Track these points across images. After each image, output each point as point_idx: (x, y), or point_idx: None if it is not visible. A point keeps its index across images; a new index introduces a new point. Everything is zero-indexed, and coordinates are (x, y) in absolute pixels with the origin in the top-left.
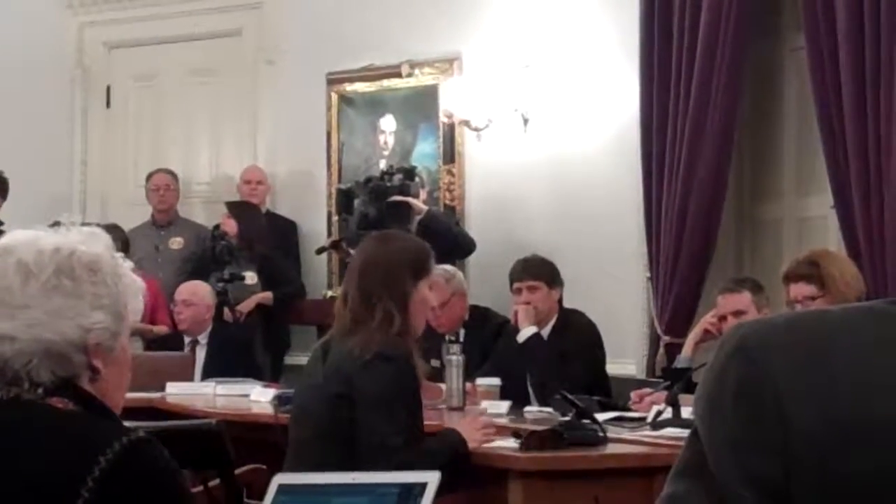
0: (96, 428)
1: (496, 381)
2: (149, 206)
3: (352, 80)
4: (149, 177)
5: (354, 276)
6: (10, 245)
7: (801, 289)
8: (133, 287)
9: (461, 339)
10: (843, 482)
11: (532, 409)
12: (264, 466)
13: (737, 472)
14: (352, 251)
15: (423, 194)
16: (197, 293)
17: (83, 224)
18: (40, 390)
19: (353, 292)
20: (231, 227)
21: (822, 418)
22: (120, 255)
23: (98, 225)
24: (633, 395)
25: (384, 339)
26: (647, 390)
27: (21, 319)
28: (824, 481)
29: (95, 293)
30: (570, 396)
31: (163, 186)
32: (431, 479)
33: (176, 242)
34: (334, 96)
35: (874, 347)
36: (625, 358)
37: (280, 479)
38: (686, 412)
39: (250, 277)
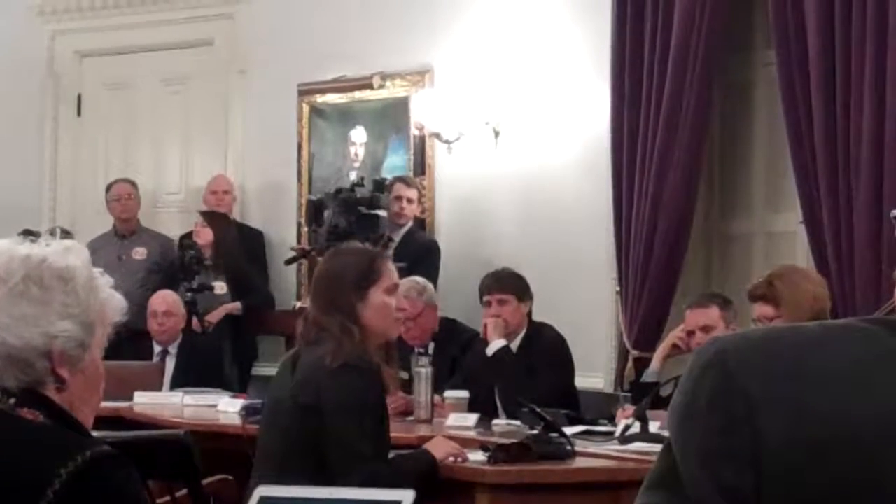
0: (61, 440)
1: (464, 393)
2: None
3: (323, 92)
4: (109, 187)
5: (312, 290)
6: None
7: (760, 309)
8: (112, 303)
9: (430, 352)
10: (812, 496)
11: (500, 423)
12: (231, 477)
13: (708, 483)
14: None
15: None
16: (175, 304)
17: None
18: (11, 400)
19: (311, 305)
20: (205, 236)
21: (794, 432)
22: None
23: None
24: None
25: (352, 348)
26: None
27: None
28: (794, 494)
29: (65, 302)
30: (538, 410)
31: (124, 196)
32: (406, 497)
33: (139, 252)
34: (305, 107)
35: (849, 364)
36: (593, 372)
37: (262, 491)
38: (654, 427)
39: (219, 287)
